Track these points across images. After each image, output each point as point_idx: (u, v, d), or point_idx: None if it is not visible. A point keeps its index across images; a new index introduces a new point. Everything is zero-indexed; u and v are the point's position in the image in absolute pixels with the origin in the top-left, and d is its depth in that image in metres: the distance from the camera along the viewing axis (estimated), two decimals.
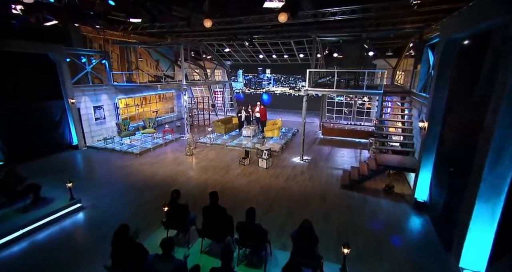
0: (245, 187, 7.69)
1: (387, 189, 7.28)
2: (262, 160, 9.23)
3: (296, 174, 8.72)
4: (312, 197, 7.13)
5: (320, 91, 9.02)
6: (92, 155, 10.65)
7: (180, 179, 8.23)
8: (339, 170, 9.06)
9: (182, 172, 8.78)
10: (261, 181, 8.11)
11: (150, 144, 11.70)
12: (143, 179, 8.28)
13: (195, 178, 8.35)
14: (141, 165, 9.47)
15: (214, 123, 13.17)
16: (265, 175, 8.58)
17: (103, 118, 12.39)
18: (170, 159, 10.06)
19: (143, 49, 17.25)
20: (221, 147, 11.57)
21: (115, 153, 10.74)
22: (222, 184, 7.92)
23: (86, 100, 11.59)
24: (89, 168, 9.46)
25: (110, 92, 12.74)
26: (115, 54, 15.56)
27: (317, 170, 9.08)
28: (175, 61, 17.90)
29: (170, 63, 18.29)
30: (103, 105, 12.38)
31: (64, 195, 6.27)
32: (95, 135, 12.11)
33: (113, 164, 9.52)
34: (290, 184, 7.93)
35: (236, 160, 9.94)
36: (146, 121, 12.61)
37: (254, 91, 22.72)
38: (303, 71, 21.21)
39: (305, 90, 8.98)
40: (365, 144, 12.20)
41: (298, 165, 9.57)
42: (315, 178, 8.39)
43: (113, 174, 8.67)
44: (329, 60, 12.70)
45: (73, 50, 10.95)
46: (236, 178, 8.36)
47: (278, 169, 9.11)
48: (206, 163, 9.62)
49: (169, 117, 17.17)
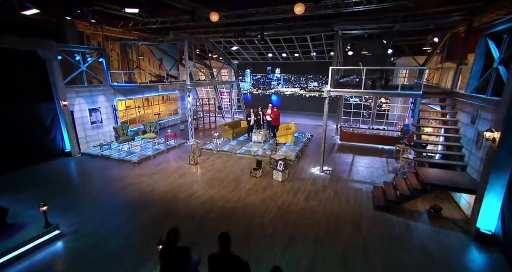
0: (259, 207, 6.44)
1: (432, 212, 5.93)
2: (277, 172, 7.98)
3: (318, 189, 7.43)
4: (342, 222, 5.84)
5: (346, 93, 7.72)
6: (85, 163, 9.56)
7: (181, 195, 7.03)
8: (367, 184, 7.74)
9: (185, 186, 7.59)
10: (277, 199, 6.85)
11: (150, 151, 10.57)
12: (140, 194, 7.11)
13: (200, 194, 7.14)
14: (139, 176, 8.32)
15: (221, 127, 11.98)
16: (282, 191, 7.33)
17: (99, 121, 11.32)
18: (172, 169, 8.89)
19: (145, 48, 16.20)
20: (229, 155, 10.36)
21: (111, 162, 9.62)
22: (232, 202, 6.69)
23: (81, 102, 10.53)
24: (79, 179, 8.35)
25: (108, 93, 11.67)
26: (115, 52, 14.53)
27: (341, 184, 7.78)
28: (179, 60, 16.80)
29: (174, 62, 17.20)
30: (100, 108, 11.32)
31: (42, 218, 5.13)
32: (90, 140, 11.05)
33: (107, 175, 8.39)
34: (312, 204, 6.65)
35: (246, 170, 8.71)
36: (146, 125, 11.50)
37: (262, 92, 21.49)
38: (316, 70, 20.11)
39: (327, 91, 7.69)
40: (390, 151, 10.83)
41: (318, 177, 8.28)
42: (341, 195, 7.09)
43: (106, 188, 7.53)
44: (347, 59, 11.40)
45: (65, 46, 9.89)
46: (248, 194, 7.12)
47: (295, 183, 7.85)
48: (213, 175, 8.41)
49: (173, 119, 16.07)
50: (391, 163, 9.58)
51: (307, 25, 12.08)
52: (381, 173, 8.59)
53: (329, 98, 7.99)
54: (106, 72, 11.58)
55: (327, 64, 17.60)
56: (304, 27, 12.30)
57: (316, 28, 11.96)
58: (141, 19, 12.33)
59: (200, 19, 11.47)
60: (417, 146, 6.97)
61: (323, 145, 8.57)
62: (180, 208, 6.41)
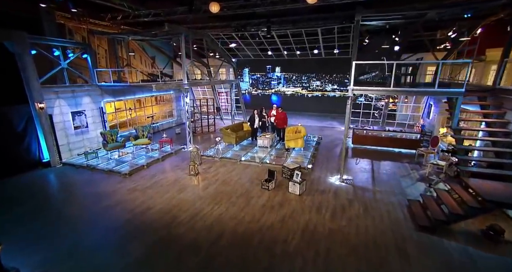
0: (280, 230, 5.30)
1: (491, 234, 4.91)
2: (294, 184, 6.85)
3: (343, 204, 6.34)
4: (383, 248, 4.76)
5: (372, 91, 6.67)
6: (67, 175, 8.21)
7: (183, 216, 5.81)
8: (398, 196, 6.70)
9: (186, 204, 6.37)
10: (298, 218, 5.72)
11: (143, 159, 9.30)
12: (132, 215, 5.86)
13: (205, 213, 5.94)
14: (131, 191, 7.05)
15: (222, 131, 10.79)
16: (302, 207, 6.20)
17: (85, 126, 9.97)
18: (169, 181, 7.65)
19: (136, 44, 14.88)
20: (233, 163, 9.18)
21: (97, 173, 8.31)
22: (245, 224, 5.52)
23: (62, 104, 9.17)
24: (58, 197, 6.99)
25: (94, 94, 10.32)
26: (103, 49, 13.17)
27: (368, 197, 6.71)
28: (173, 57, 15.52)
29: (168, 60, 15.91)
30: (85, 110, 9.96)
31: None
32: (74, 147, 9.68)
33: (92, 190, 7.10)
34: (341, 223, 5.55)
35: (255, 182, 7.56)
36: (138, 129, 10.21)
37: (261, 91, 20.38)
38: (320, 68, 19.02)
39: (351, 89, 6.61)
40: (409, 156, 9.87)
41: (340, 189, 7.20)
42: (371, 211, 6.02)
43: (90, 207, 6.24)
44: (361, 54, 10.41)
45: (40, 39, 8.53)
46: (263, 212, 5.97)
47: (315, 196, 6.74)
48: (217, 188, 7.22)
49: (167, 122, 14.76)
50: (415, 169, 8.59)
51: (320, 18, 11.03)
52: (409, 183, 7.57)
53: (352, 98, 6.92)
54: (92, 70, 10.24)
55: (334, 61, 16.94)
56: (314, 20, 11.26)
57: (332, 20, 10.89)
58: (131, 11, 11.05)
59: (198, 11, 10.29)
60: (458, 152, 5.96)
61: (344, 152, 7.50)
62: (182, 234, 5.21)
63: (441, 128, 8.60)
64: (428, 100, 11.90)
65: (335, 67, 17.43)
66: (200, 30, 12.43)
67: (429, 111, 11.74)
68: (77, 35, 11.57)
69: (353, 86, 6.78)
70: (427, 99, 12.08)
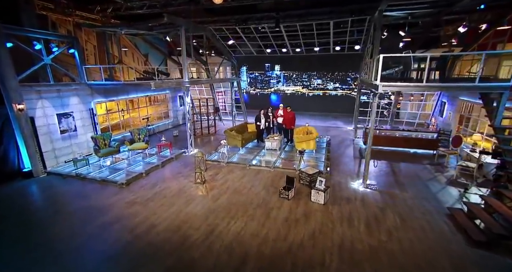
0: (313, 251, 4.50)
1: None
2: (317, 193, 6.08)
3: (376, 214, 5.61)
4: (440, 270, 4.04)
5: (404, 88, 5.97)
6: (53, 187, 7.13)
7: (195, 236, 4.92)
8: (432, 202, 6.04)
9: (196, 219, 5.48)
10: (331, 234, 4.94)
11: (141, 166, 8.32)
12: (133, 237, 4.92)
13: (220, 231, 5.07)
14: (129, 204, 6.09)
15: (227, 132, 9.92)
16: (330, 220, 5.43)
17: (73, 129, 8.87)
18: (174, 192, 6.72)
19: (128, 40, 13.78)
20: (242, 168, 8.33)
21: (89, 183, 7.27)
22: (270, 243, 4.69)
23: (45, 106, 8.06)
24: (41, 215, 5.91)
25: (83, 94, 9.23)
26: (91, 45, 12.03)
27: (399, 205, 6.02)
28: (168, 54, 14.50)
29: (163, 58, 14.89)
30: (73, 112, 8.87)
31: None
32: (61, 154, 8.58)
33: (83, 204, 6.09)
34: (382, 238, 4.81)
35: (271, 189, 6.76)
36: (134, 132, 9.20)
37: (260, 91, 19.58)
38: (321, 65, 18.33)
39: (380, 85, 5.89)
40: (427, 156, 9.31)
41: (366, 195, 6.48)
42: (409, 222, 5.32)
43: (82, 227, 5.26)
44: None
45: (17, 30, 7.41)
46: (288, 227, 5.16)
47: (342, 206, 5.99)
48: (230, 198, 6.35)
49: (163, 124, 13.73)
50: (439, 171, 8.00)
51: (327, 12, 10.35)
52: (437, 187, 6.94)
53: (378, 95, 6.22)
54: (80, 67, 9.15)
55: (336, 58, 16.28)
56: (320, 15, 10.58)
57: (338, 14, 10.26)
58: (123, 2, 10.03)
59: (198, 2, 9.41)
60: (506, 153, 5.34)
61: (368, 157, 6.80)
62: (198, 259, 4.33)
63: (475, 135, 8.11)
64: (441, 98, 11.43)
65: (338, 64, 16.85)
66: (199, 24, 11.51)
67: (442, 109, 11.25)
68: (61, 28, 10.42)
69: (379, 82, 6.05)
70: (439, 96, 11.60)
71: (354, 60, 15.87)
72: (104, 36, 10.69)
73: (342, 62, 16.64)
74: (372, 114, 6.50)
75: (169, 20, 7.83)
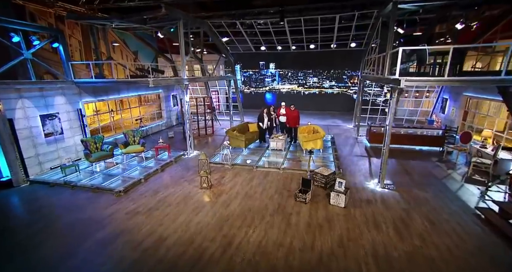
0: (346, 261, 4.05)
1: None
2: (337, 195, 5.66)
3: (402, 217, 5.26)
4: None
5: (430, 83, 5.63)
6: (38, 197, 6.30)
7: (211, 249, 4.35)
8: (456, 202, 5.78)
9: (209, 229, 4.90)
10: (360, 240, 4.52)
11: (137, 171, 7.61)
12: (139, 254, 4.28)
13: (239, 242, 4.53)
14: (131, 215, 5.41)
15: (229, 133, 9.35)
16: (355, 224, 5.02)
17: (59, 132, 8.00)
18: (178, 199, 6.10)
19: (116, 36, 12.90)
20: (248, 170, 7.80)
21: (80, 192, 6.49)
22: (298, 255, 4.20)
23: (27, 106, 7.18)
24: (25, 231, 5.11)
25: (70, 93, 8.37)
26: (76, 40, 11.11)
27: (424, 205, 5.70)
28: (161, 51, 13.71)
29: (154, 56, 14.09)
30: (59, 113, 8.01)
31: None
32: (46, 160, 7.71)
33: (76, 217, 5.35)
34: (415, 243, 4.44)
35: (284, 192, 6.29)
36: (128, 134, 8.44)
37: (255, 90, 19.08)
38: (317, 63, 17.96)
39: (403, 80, 5.52)
40: (433, 153, 9.16)
41: (385, 196, 6.14)
42: (439, 224, 4.99)
43: (75, 246, 4.54)
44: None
45: None
46: (312, 234, 4.69)
47: (364, 208, 5.60)
48: (242, 204, 5.81)
49: (157, 125, 12.94)
50: (451, 168, 7.82)
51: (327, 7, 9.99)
52: (455, 185, 6.72)
53: (399, 90, 5.88)
54: (65, 63, 8.28)
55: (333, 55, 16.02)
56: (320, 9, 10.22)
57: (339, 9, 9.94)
58: None
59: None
60: None
61: (386, 154, 6.47)
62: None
63: (485, 131, 8.00)
64: (442, 94, 11.39)
65: (334, 62, 16.66)
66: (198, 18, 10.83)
67: (443, 106, 11.22)
68: (41, 21, 9.48)
69: (403, 77, 5.69)
70: (440, 93, 11.57)
71: (351, 58, 15.72)
72: (92, 30, 9.81)
73: (338, 59, 16.45)
74: (390, 111, 6.18)
75: (168, 11, 7.18)
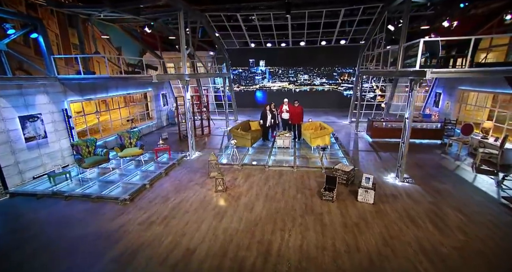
0: (399, 261, 3.79)
1: None
2: (365, 192, 5.43)
3: (434, 211, 5.14)
4: None
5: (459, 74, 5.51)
6: (22, 214, 5.36)
7: (250, 260, 3.87)
8: (478, 193, 5.82)
9: (241, 237, 4.41)
10: (403, 237, 4.30)
11: (138, 176, 6.87)
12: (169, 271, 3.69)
13: (278, 247, 4.09)
14: (145, 226, 4.75)
15: (233, 132, 8.85)
16: (391, 220, 4.80)
17: (42, 136, 6.99)
18: (195, 204, 5.51)
19: (98, 30, 11.79)
20: (260, 170, 7.36)
21: (76, 202, 5.65)
22: (346, 258, 3.86)
23: (2, 106, 6.15)
24: (8, 263, 4.28)
25: (53, 92, 7.37)
26: (52, 33, 9.92)
27: (449, 198, 5.65)
28: (150, 47, 12.77)
29: (140, 51, 13.11)
30: (41, 114, 6.99)
31: None
32: (27, 168, 6.69)
33: (78, 235, 4.58)
34: (460, 238, 4.30)
35: (306, 191, 5.96)
36: (123, 136, 7.62)
37: (245, 88, 18.61)
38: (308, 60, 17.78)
39: (427, 71, 5.37)
40: (433, 146, 9.37)
41: (408, 190, 6.03)
42: (472, 216, 4.93)
43: (86, 270, 3.84)
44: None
45: None
46: (353, 235, 4.38)
47: (392, 204, 5.42)
48: (265, 206, 5.38)
49: (147, 126, 12.02)
50: (458, 160, 7.98)
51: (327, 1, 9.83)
52: (469, 176, 6.81)
53: (419, 83, 5.80)
54: (47, 57, 7.27)
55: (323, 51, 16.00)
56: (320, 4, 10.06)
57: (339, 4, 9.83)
58: None
59: None
60: None
61: (406, 147, 6.37)
62: None
63: (486, 122, 8.29)
64: (435, 89, 11.77)
65: (325, 58, 16.71)
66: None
67: (436, 100, 11.59)
68: (10, 7, 8.28)
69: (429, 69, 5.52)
70: (432, 87, 11.95)
71: (342, 55, 15.89)
72: (70, 22, 8.76)
73: (329, 56, 16.53)
74: (411, 104, 6.07)
75: (169, 0, 6.52)
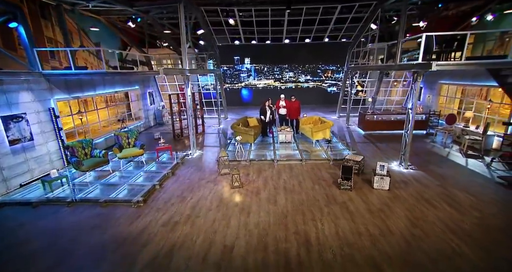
0: (432, 240, 3.98)
1: None
2: (381, 179, 5.64)
3: (445, 193, 5.49)
4: None
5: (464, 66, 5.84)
6: (14, 227, 4.74)
7: (294, 252, 3.80)
8: (475, 174, 6.35)
9: (275, 229, 4.32)
10: (427, 218, 4.54)
11: (141, 177, 6.43)
12: (213, 267, 3.49)
13: (316, 237, 4.07)
14: (170, 226, 4.44)
15: (236, 128, 8.68)
16: (411, 204, 5.05)
17: (28, 138, 6.23)
18: (215, 202, 5.29)
19: (74, 24, 10.82)
20: (269, 165, 7.31)
21: (81, 208, 5.11)
22: (384, 242, 3.97)
23: None
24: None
25: (38, 89, 6.60)
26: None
27: (453, 180, 6.08)
28: (136, 43, 12.03)
29: (120, 47, 12.31)
30: (26, 114, 6.22)
31: None
32: (13, 174, 5.92)
33: (96, 242, 4.15)
34: (476, 215, 4.65)
35: (322, 182, 6.06)
36: (121, 136, 7.08)
37: (230, 86, 18.37)
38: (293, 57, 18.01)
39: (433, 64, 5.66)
40: (420, 136, 10.06)
41: (414, 176, 6.39)
42: (481, 196, 5.34)
43: None
44: None
45: None
46: (380, 220, 4.52)
47: (406, 189, 5.71)
48: (288, 199, 5.34)
49: (135, 126, 11.30)
50: (447, 147, 8.64)
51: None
52: (461, 160, 7.40)
53: (422, 76, 6.16)
54: (29, 49, 6.49)
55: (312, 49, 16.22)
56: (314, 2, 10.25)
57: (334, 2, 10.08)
58: None
59: None
60: None
61: (410, 136, 6.74)
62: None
63: (467, 112, 9.09)
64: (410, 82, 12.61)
65: (310, 55, 17.11)
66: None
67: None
68: None
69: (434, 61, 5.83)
70: (410, 79, 12.80)
71: (326, 52, 16.41)
72: (42, 13, 7.94)
73: (313, 53, 16.96)
74: (414, 95, 6.43)
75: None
